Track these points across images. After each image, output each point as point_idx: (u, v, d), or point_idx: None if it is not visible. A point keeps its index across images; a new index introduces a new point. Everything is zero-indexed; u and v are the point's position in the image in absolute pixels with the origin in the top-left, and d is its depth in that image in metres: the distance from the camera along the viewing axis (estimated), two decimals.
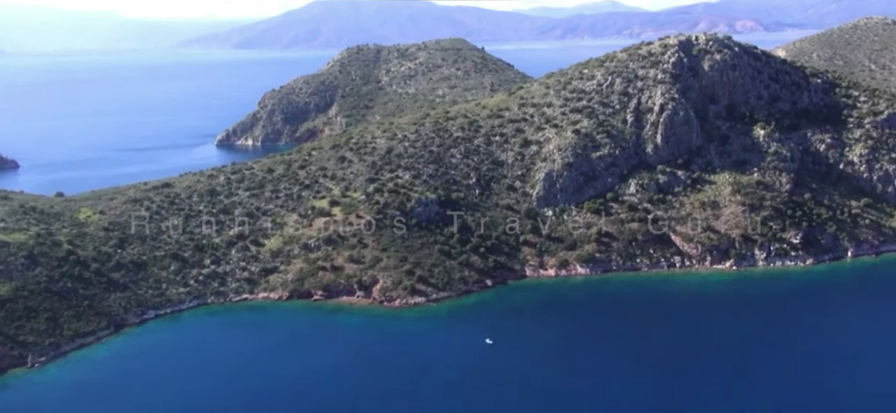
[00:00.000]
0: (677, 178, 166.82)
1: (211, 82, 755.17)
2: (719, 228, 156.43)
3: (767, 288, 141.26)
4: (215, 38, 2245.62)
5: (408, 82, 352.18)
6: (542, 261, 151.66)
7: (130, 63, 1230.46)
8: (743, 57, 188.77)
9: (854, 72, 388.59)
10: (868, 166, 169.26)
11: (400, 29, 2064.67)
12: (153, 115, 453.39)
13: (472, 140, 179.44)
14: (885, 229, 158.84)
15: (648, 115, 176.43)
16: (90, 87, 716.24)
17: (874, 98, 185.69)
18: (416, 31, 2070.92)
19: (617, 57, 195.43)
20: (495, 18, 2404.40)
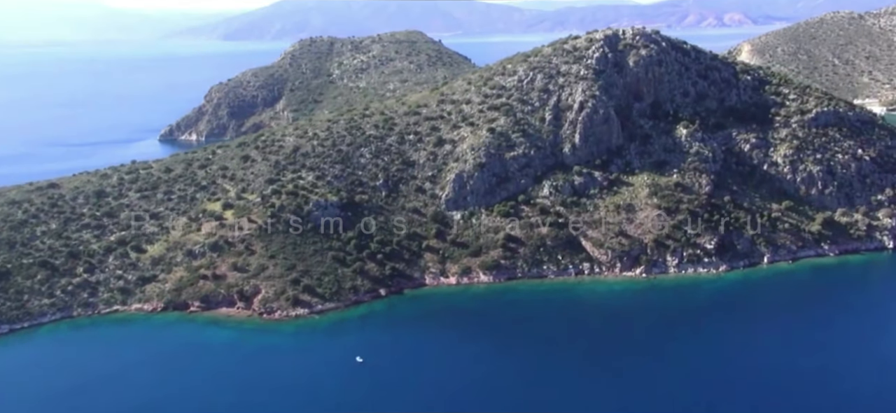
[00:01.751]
0: (594, 180, 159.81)
1: (183, 74, 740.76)
2: (632, 233, 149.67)
3: (672, 298, 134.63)
4: (203, 29, 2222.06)
5: (359, 76, 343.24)
6: (444, 268, 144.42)
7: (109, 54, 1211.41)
8: (670, 53, 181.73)
9: (817, 66, 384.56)
10: (792, 167, 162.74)
11: (389, 21, 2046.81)
12: (106, 109, 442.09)
13: (384, 139, 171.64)
14: (805, 234, 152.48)
15: (568, 113, 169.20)
16: (52, 80, 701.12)
17: (804, 96, 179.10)
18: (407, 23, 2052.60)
19: (542, 52, 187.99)
20: (485, 11, 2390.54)
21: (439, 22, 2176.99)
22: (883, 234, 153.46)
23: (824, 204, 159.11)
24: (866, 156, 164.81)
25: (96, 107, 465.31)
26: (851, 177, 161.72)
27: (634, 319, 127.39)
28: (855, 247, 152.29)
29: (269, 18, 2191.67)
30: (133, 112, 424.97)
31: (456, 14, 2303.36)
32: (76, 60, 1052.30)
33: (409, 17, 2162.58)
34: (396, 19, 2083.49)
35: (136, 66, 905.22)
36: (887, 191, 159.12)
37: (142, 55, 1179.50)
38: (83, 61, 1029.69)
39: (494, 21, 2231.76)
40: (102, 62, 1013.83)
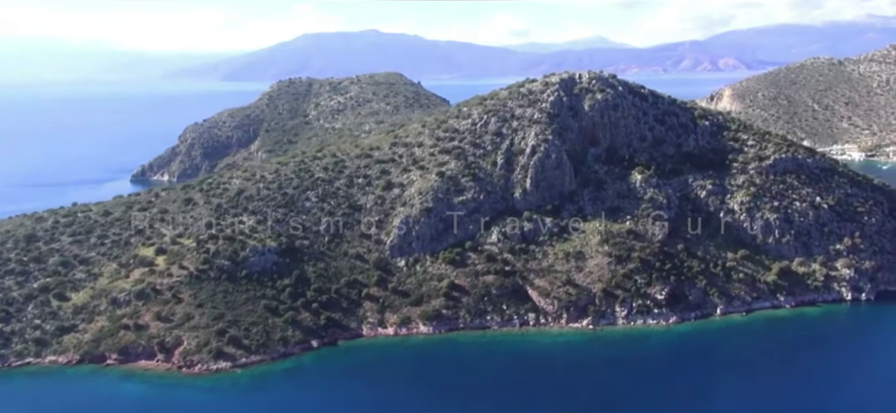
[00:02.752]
0: (544, 226, 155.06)
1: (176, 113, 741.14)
2: (581, 282, 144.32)
3: (617, 351, 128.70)
4: (203, 70, 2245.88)
5: (335, 117, 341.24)
6: (382, 317, 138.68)
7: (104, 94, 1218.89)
8: (627, 97, 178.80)
9: (797, 111, 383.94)
10: (749, 215, 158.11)
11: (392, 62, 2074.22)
12: (83, 147, 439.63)
13: (333, 182, 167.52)
14: (760, 284, 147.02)
15: (520, 157, 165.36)
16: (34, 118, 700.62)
17: (763, 142, 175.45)
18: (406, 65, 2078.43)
19: (499, 95, 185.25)
20: (483, 53, 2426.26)
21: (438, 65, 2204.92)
22: (841, 285, 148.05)
23: (781, 253, 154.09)
24: (825, 204, 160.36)
25: (77, 145, 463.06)
26: (809, 225, 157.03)
27: (576, 373, 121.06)
28: (812, 298, 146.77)
29: (269, 60, 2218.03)
30: (111, 150, 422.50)
31: (454, 57, 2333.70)
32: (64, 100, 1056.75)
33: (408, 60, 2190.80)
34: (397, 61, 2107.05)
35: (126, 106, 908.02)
36: (846, 240, 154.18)
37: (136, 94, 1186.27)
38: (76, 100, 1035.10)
39: (491, 64, 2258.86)
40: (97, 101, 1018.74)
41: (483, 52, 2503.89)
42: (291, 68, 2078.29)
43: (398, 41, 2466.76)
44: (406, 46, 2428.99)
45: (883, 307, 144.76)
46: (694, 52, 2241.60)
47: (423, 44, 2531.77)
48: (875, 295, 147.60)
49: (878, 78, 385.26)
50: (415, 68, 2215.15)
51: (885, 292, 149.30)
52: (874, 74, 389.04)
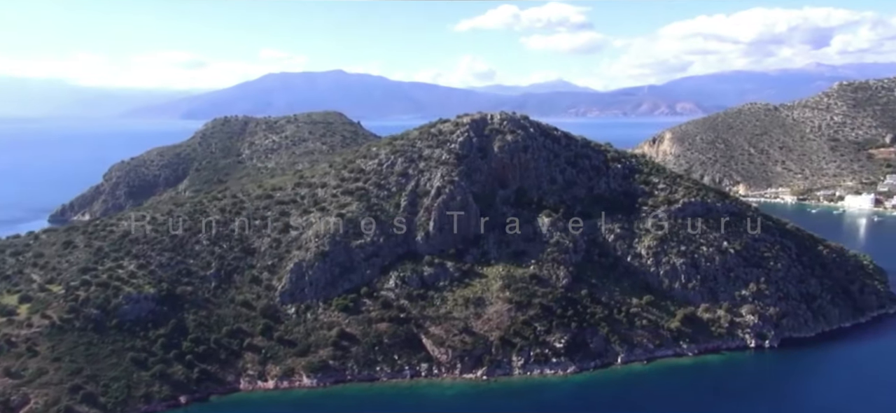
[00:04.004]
0: (445, 271, 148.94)
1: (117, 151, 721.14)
2: (478, 330, 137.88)
3: (508, 403, 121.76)
4: (165, 108, 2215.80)
5: (269, 156, 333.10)
6: (263, 370, 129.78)
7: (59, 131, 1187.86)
8: (538, 139, 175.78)
9: (734, 155, 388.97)
10: (655, 260, 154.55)
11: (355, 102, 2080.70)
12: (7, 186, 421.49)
13: (228, 224, 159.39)
14: (663, 331, 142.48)
15: (425, 199, 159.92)
16: None
17: (673, 186, 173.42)
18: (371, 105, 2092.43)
19: (409, 135, 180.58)
20: (447, 94, 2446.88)
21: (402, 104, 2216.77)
22: (745, 332, 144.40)
23: (687, 298, 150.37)
24: (732, 249, 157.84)
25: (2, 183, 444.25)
26: (716, 270, 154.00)
27: None
28: (715, 345, 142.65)
29: (233, 99, 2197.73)
30: (41, 189, 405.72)
31: (418, 98, 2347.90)
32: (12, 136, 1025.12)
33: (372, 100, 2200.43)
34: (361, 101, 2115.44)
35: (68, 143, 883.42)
36: (751, 286, 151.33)
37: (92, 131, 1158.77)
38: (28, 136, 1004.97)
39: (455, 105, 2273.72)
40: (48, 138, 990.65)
41: (447, 93, 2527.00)
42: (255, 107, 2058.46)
43: (362, 81, 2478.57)
44: (370, 87, 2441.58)
45: (786, 355, 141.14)
46: (653, 97, 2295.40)
47: (388, 84, 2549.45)
48: (779, 342, 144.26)
49: (810, 123, 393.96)
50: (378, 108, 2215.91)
51: (790, 339, 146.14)
52: (807, 120, 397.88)
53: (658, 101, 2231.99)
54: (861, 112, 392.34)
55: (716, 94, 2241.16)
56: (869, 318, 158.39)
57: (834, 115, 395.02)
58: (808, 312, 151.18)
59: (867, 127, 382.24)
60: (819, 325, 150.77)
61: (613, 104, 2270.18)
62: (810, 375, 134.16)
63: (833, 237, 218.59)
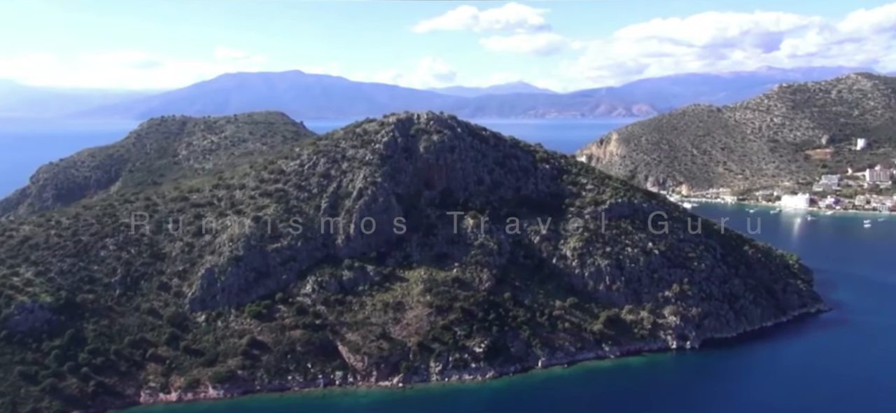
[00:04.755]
0: (365, 275, 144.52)
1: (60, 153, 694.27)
2: (397, 335, 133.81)
3: (421, 411, 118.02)
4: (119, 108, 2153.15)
5: (207, 157, 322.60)
6: (167, 381, 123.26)
7: None
8: (465, 139, 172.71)
9: (677, 156, 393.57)
10: (580, 261, 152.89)
11: (313, 103, 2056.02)
12: None
13: (138, 228, 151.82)
14: (586, 334, 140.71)
15: (346, 200, 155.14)
16: None
17: (601, 186, 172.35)
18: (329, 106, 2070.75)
19: (334, 135, 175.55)
20: (408, 95, 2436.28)
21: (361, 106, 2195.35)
22: (667, 334, 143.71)
23: (612, 300, 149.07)
24: (657, 250, 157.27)
25: None
26: (640, 272, 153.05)
27: None
28: (637, 347, 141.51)
29: (188, 98, 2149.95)
30: None
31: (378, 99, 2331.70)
32: None
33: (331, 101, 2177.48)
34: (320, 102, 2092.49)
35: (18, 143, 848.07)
36: (674, 286, 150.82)
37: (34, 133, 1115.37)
38: None
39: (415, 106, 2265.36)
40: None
41: (407, 94, 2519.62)
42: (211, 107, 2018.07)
43: (321, 82, 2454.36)
44: (329, 87, 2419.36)
45: (706, 355, 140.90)
46: (610, 98, 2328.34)
47: (347, 85, 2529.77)
48: (700, 343, 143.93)
49: (751, 125, 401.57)
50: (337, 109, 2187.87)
51: (711, 340, 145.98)
52: (749, 122, 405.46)
53: (615, 103, 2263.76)
54: (799, 114, 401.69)
55: (670, 96, 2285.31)
56: (791, 318, 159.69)
57: (774, 116, 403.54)
58: (730, 312, 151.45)
59: (805, 128, 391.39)
60: (741, 325, 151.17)
61: (572, 106, 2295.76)
62: (729, 376, 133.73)
63: (766, 237, 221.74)
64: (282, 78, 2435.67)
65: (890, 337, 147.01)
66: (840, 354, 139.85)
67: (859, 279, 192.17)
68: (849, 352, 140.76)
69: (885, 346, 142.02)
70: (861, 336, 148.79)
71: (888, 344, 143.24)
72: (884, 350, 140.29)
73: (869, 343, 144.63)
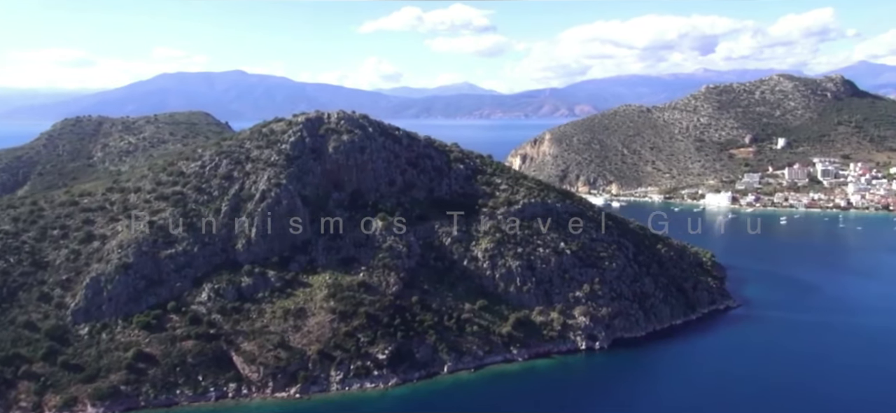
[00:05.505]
0: (266, 281, 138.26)
1: None
2: (296, 344, 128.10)
3: None
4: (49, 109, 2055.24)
5: (124, 159, 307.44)
6: (40, 400, 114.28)
7: None
8: (377, 139, 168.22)
9: (608, 155, 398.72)
10: (491, 263, 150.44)
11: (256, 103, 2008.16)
12: None
13: (20, 234, 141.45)
14: (494, 337, 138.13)
15: (249, 203, 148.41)
16: None
17: (516, 186, 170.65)
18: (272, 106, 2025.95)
19: (239, 135, 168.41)
20: (354, 96, 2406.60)
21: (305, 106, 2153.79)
22: (576, 335, 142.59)
23: (522, 302, 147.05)
24: (568, 250, 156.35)
25: None
26: (551, 272, 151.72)
27: None
28: (546, 349, 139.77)
29: (123, 99, 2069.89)
30: None
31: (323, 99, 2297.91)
32: None
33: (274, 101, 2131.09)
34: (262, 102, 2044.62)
35: None
36: (585, 287, 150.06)
37: None
38: None
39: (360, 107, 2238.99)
40: None
41: (354, 95, 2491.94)
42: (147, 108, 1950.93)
43: (264, 82, 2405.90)
44: (272, 88, 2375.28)
45: (615, 355, 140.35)
46: (554, 99, 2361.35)
47: (291, 86, 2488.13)
48: (610, 343, 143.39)
49: (679, 125, 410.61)
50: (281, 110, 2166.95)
51: (621, 339, 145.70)
52: (677, 121, 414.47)
53: (559, 104, 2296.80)
54: (725, 114, 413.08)
55: (612, 96, 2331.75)
56: (700, 315, 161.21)
57: (700, 116, 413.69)
58: (639, 312, 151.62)
59: (730, 128, 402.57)
60: (650, 324, 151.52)
61: (516, 106, 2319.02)
62: (635, 375, 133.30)
63: (685, 235, 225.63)
64: (223, 78, 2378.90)
65: (790, 332, 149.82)
66: (742, 351, 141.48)
67: (769, 275, 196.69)
68: (751, 348, 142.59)
69: (784, 342, 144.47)
70: (763, 332, 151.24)
71: (787, 339, 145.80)
72: (782, 346, 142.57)
73: (770, 339, 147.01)
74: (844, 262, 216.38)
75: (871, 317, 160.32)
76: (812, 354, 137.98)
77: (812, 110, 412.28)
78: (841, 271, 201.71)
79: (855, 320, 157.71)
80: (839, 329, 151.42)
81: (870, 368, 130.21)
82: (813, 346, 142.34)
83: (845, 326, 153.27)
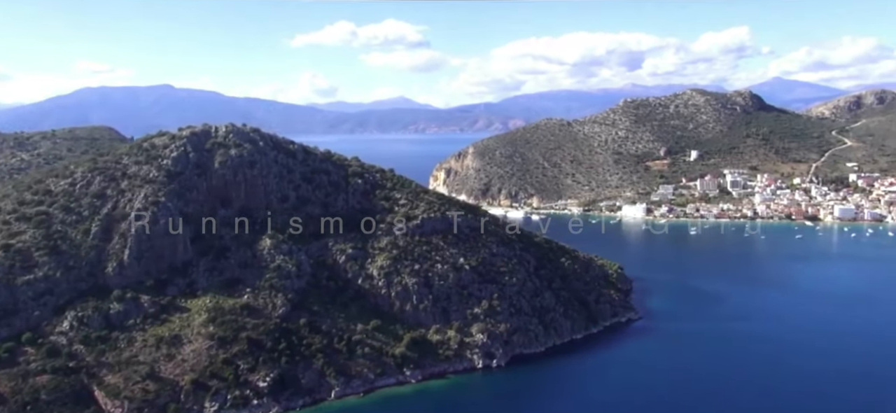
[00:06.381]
0: (138, 307, 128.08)
1: None
2: (168, 374, 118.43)
3: None
4: None
5: (14, 177, 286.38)
6: None
7: None
8: (269, 153, 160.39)
9: (529, 169, 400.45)
10: (387, 281, 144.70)
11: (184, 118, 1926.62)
12: None
13: None
14: (387, 359, 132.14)
15: (122, 223, 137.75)
16: None
17: (416, 201, 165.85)
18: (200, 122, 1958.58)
19: (116, 151, 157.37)
20: (287, 111, 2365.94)
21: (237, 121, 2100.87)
22: (473, 353, 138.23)
23: (419, 320, 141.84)
24: (467, 265, 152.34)
25: None
26: (449, 289, 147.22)
27: None
28: (442, 369, 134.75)
29: (42, 114, 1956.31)
30: None
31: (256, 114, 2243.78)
32: None
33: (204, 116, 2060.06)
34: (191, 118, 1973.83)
35: None
36: (484, 303, 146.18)
37: None
38: None
39: (296, 122, 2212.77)
40: None
41: (288, 109, 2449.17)
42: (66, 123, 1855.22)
43: (193, 97, 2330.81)
44: (202, 102, 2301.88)
45: (512, 373, 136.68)
46: (488, 114, 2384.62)
47: (222, 100, 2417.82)
48: (508, 360, 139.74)
49: (598, 138, 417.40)
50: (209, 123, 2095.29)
51: (520, 356, 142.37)
52: (596, 135, 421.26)
53: (493, 118, 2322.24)
54: (641, 127, 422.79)
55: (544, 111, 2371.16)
56: (601, 328, 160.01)
57: (618, 130, 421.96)
58: (539, 327, 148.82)
59: (646, 141, 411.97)
60: (550, 339, 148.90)
61: (451, 121, 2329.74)
62: (529, 393, 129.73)
63: (599, 246, 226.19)
64: (149, 92, 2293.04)
65: (686, 344, 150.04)
66: (638, 364, 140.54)
67: (674, 286, 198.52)
68: (646, 361, 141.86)
69: (680, 354, 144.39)
70: (660, 344, 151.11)
71: (683, 351, 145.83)
72: (677, 358, 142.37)
73: (666, 350, 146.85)
74: (746, 272, 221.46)
75: (766, 325, 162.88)
76: (707, 366, 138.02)
77: (723, 123, 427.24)
78: (741, 281, 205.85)
79: (750, 328, 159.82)
80: (734, 338, 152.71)
81: (759, 378, 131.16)
82: (708, 357, 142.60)
83: (741, 335, 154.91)
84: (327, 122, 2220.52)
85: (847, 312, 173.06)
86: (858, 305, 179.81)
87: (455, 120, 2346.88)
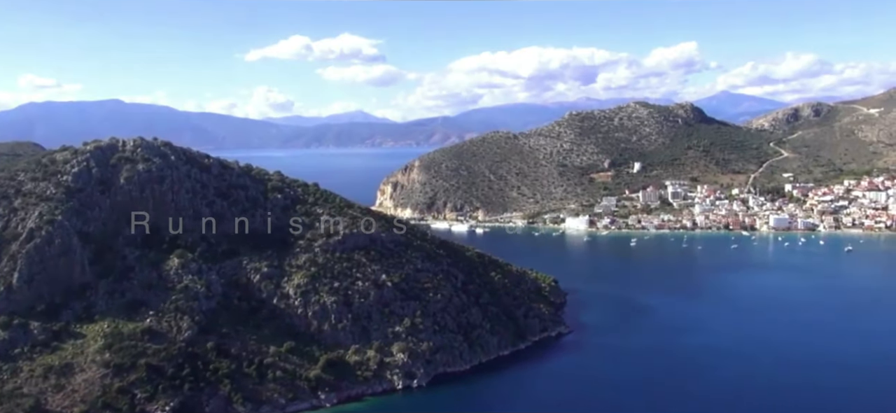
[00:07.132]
0: (27, 334, 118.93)
1: None
2: (55, 407, 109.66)
3: None
4: None
5: None
6: None
7: None
8: (180, 168, 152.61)
9: (476, 181, 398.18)
10: (304, 300, 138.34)
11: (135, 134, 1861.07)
12: None
13: None
14: (300, 382, 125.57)
15: (13, 244, 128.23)
16: None
17: (339, 216, 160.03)
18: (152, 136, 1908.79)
19: (13, 167, 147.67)
20: (242, 126, 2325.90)
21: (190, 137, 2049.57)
22: (393, 373, 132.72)
23: (338, 340, 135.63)
24: (390, 281, 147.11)
25: None
26: (370, 306, 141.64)
27: None
28: (359, 391, 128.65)
29: None
30: None
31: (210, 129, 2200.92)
32: None
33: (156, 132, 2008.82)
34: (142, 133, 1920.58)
35: None
36: (406, 321, 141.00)
37: None
38: None
39: (251, 137, 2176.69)
40: None
41: (243, 124, 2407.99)
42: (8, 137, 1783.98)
43: (144, 111, 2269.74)
44: (153, 118, 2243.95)
45: (434, 393, 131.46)
46: (445, 127, 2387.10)
47: (174, 115, 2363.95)
48: (429, 379, 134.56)
49: (544, 150, 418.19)
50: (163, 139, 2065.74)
51: (444, 375, 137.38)
52: (541, 147, 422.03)
53: (450, 132, 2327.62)
54: (586, 139, 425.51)
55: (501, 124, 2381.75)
56: (530, 344, 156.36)
57: (563, 142, 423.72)
58: (464, 344, 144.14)
59: (590, 153, 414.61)
60: (476, 357, 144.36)
61: (408, 135, 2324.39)
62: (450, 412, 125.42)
63: (536, 259, 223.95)
64: (98, 107, 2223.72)
65: (614, 358, 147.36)
66: (565, 379, 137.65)
67: (608, 298, 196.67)
68: (573, 375, 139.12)
69: (606, 369, 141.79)
70: (589, 358, 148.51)
71: (609, 366, 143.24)
72: (604, 372, 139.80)
73: (594, 365, 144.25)
74: (680, 284, 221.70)
75: (696, 336, 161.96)
76: (633, 378, 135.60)
77: (665, 136, 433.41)
78: (674, 292, 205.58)
79: (680, 340, 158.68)
80: (662, 351, 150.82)
81: (686, 387, 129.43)
82: (635, 369, 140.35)
83: (669, 346, 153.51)
84: (283, 137, 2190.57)
85: (774, 321, 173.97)
86: (786, 313, 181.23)
87: (412, 133, 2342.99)
